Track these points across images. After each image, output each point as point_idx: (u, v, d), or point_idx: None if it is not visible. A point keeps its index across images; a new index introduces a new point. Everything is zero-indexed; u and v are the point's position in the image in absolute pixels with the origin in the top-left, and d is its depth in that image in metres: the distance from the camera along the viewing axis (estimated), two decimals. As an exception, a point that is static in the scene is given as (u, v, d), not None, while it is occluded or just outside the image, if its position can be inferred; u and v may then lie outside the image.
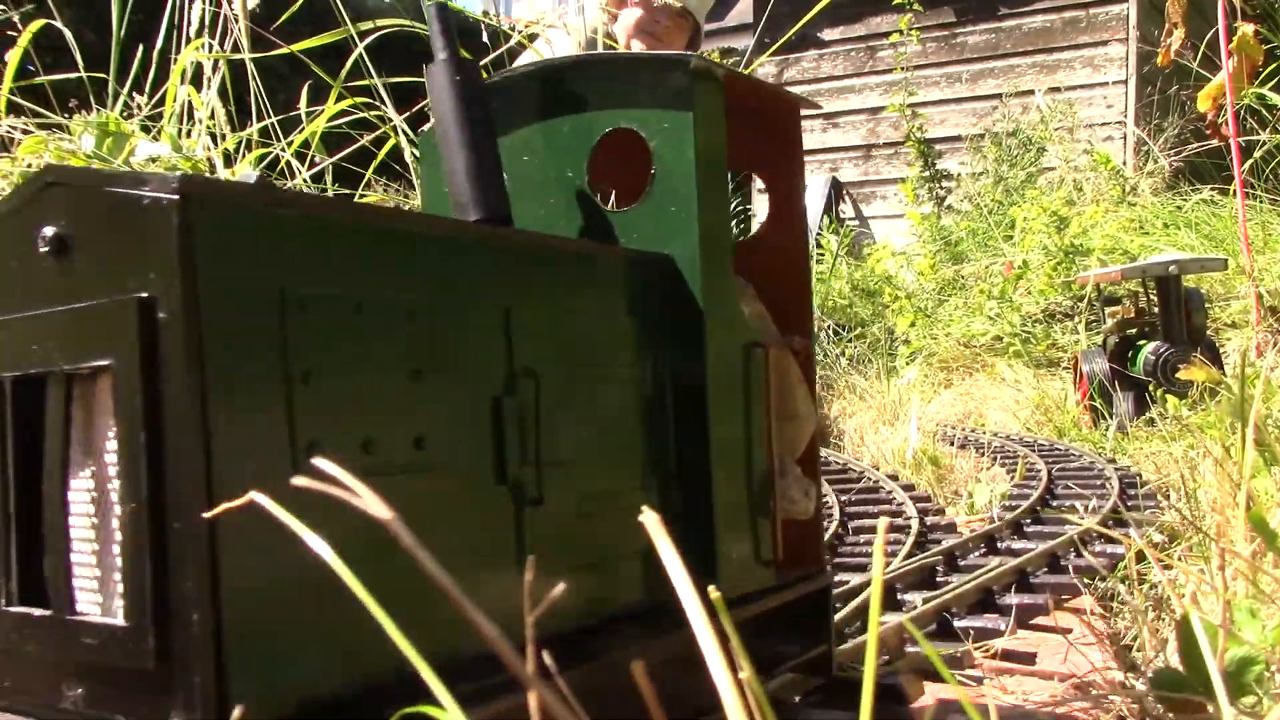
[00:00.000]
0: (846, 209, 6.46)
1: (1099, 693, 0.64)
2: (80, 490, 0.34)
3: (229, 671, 0.32)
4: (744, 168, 0.65)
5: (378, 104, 1.48)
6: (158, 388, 0.31)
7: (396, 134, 1.46)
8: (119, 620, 0.33)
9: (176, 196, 0.31)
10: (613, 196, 0.61)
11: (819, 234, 5.49)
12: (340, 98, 1.43)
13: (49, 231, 0.33)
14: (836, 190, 6.41)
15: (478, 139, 0.51)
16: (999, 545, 1.31)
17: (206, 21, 1.53)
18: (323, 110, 1.46)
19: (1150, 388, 2.30)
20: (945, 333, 3.76)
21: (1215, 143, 2.76)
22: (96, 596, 0.34)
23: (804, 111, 0.62)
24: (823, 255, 5.10)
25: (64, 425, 0.33)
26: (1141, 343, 2.59)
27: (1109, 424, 2.21)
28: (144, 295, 0.31)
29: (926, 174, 5.16)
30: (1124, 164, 4.50)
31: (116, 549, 0.33)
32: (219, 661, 0.32)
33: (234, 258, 0.33)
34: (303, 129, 1.48)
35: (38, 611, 0.35)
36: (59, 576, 0.34)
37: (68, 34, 1.51)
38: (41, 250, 0.33)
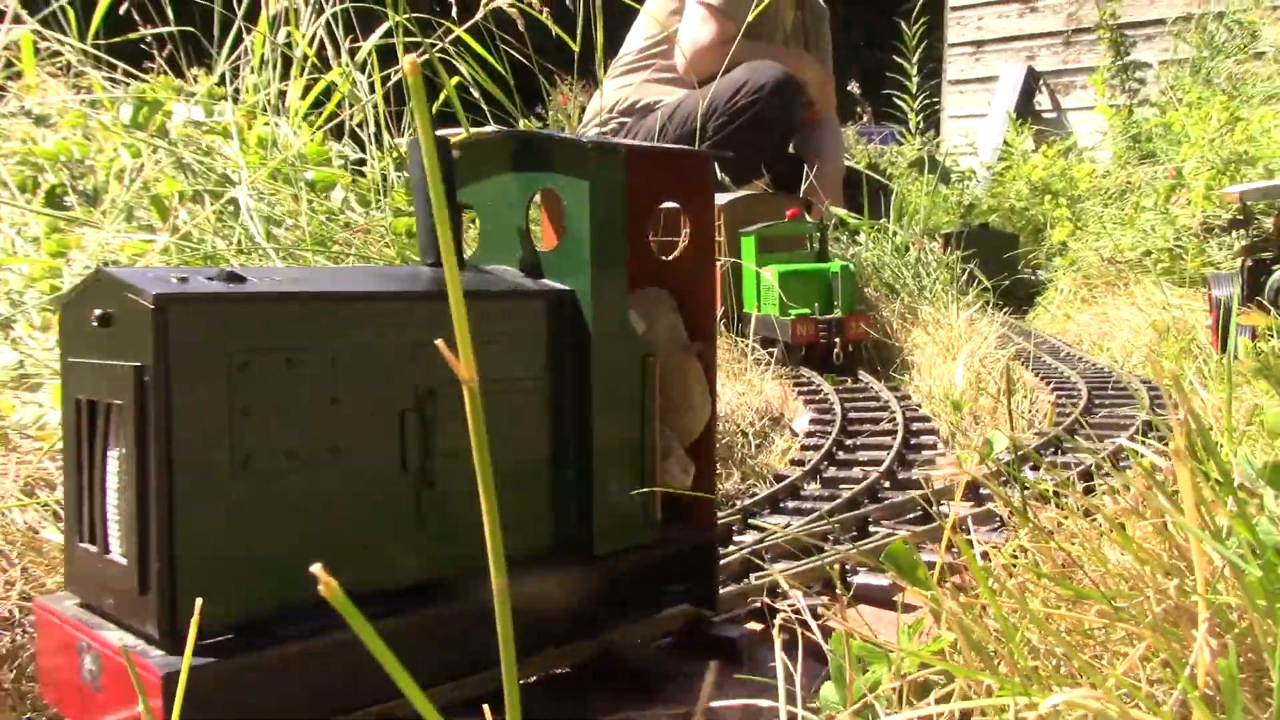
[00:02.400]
0: (1043, 100, 5.95)
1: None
2: (110, 475, 0.57)
3: (178, 600, 0.53)
4: (669, 201, 0.82)
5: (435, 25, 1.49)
6: (145, 420, 0.53)
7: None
8: (123, 560, 0.55)
9: (152, 306, 0.52)
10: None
11: (1005, 130, 5.12)
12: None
13: (97, 311, 0.56)
14: (1033, 80, 5.90)
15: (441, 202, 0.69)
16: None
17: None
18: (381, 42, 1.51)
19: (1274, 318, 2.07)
20: (1094, 246, 3.46)
21: None
22: (118, 544, 0.56)
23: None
24: (1009, 153, 4.77)
25: (104, 435, 0.57)
26: (1277, 268, 2.31)
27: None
28: (138, 364, 0.54)
29: (1119, 63, 4.65)
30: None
31: (125, 515, 0.55)
32: (172, 593, 0.53)
33: (188, 336, 0.54)
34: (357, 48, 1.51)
35: (93, 548, 0.58)
36: (101, 528, 0.57)
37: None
38: (94, 324, 0.56)
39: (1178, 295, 2.92)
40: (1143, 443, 0.73)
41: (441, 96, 1.44)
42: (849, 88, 5.64)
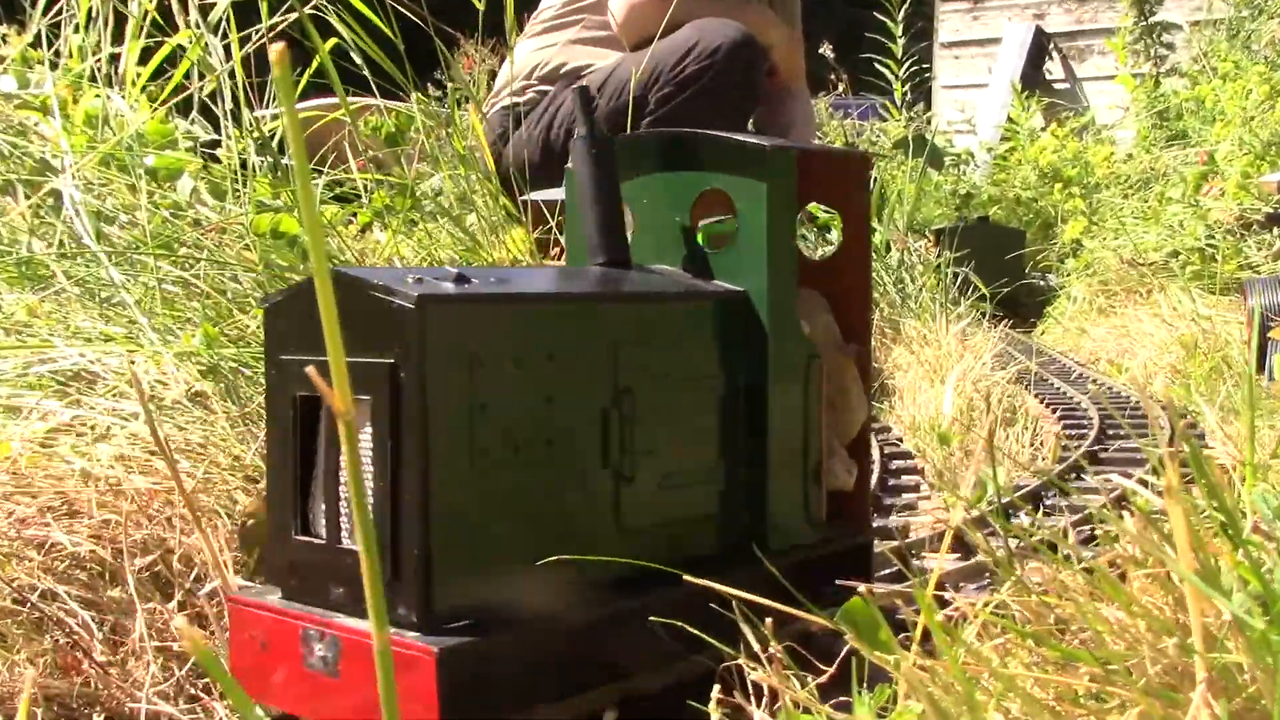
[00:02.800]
0: (1054, 68, 6.14)
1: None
2: (341, 471, 0.73)
3: (433, 583, 0.68)
4: (826, 203, 1.00)
5: None
6: (398, 414, 0.68)
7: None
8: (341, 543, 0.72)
9: (413, 305, 0.68)
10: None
11: (1009, 104, 5.27)
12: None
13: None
14: (1042, 43, 6.09)
15: (605, 199, 0.89)
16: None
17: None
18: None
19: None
20: (1112, 246, 3.59)
21: None
22: (353, 534, 0.72)
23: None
24: (1014, 132, 4.90)
25: (334, 430, 0.73)
26: (1326, 273, 2.44)
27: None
28: (390, 361, 0.69)
29: (1143, 24, 4.83)
30: None
31: (369, 505, 0.69)
32: (427, 577, 0.67)
33: (442, 336, 0.69)
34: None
35: (317, 540, 0.73)
36: (332, 519, 0.73)
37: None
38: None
39: (1210, 304, 3.05)
40: (1143, 481, 0.79)
41: (314, 64, 1.46)
42: (821, 51, 5.76)
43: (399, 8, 1.60)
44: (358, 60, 1.61)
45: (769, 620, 0.66)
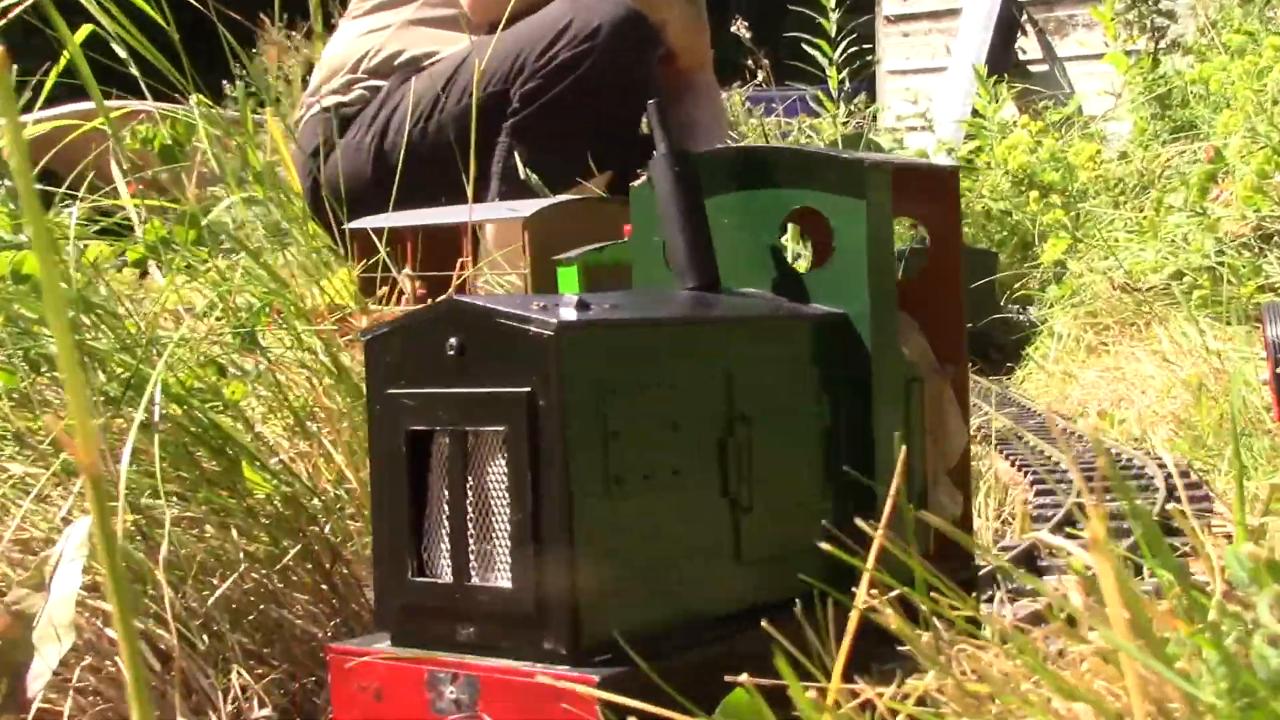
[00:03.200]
0: (1029, 44, 6.37)
1: None
2: (468, 505, 0.91)
3: (581, 616, 0.85)
4: (914, 218, 1.22)
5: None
6: (536, 444, 0.86)
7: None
8: (506, 584, 0.88)
9: (552, 333, 0.85)
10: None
11: (973, 92, 5.45)
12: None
13: (454, 340, 0.91)
14: (1013, 15, 6.31)
15: (693, 220, 1.07)
16: None
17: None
18: None
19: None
20: (1102, 268, 3.73)
21: None
22: (484, 571, 0.90)
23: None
24: (980, 128, 5.06)
25: (459, 464, 0.91)
26: (1358, 295, 2.57)
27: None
28: (528, 390, 0.87)
29: (1136, -6, 5.05)
30: None
31: (501, 541, 0.90)
32: (574, 610, 0.85)
33: (580, 363, 0.87)
34: None
35: (440, 581, 0.91)
36: (459, 557, 0.91)
37: None
38: (449, 352, 0.91)
39: (1222, 337, 3.18)
40: (1070, 535, 0.86)
41: (62, 62, 1.48)
42: (733, 30, 5.90)
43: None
44: (124, 54, 1.63)
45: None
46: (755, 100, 6.22)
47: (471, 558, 0.91)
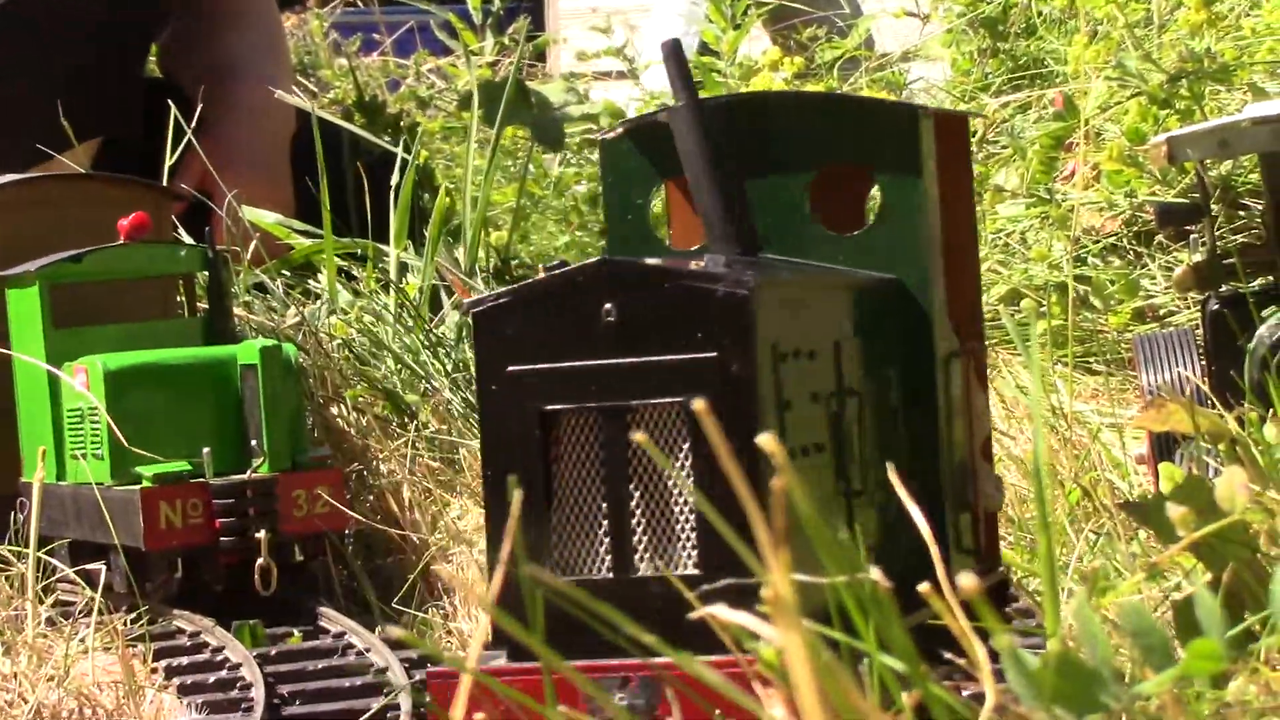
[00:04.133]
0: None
1: None
2: (642, 487, 1.29)
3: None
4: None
5: None
6: (727, 416, 1.17)
7: None
8: (692, 571, 1.25)
9: (747, 294, 1.26)
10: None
11: (700, 15, 5.63)
12: None
13: (609, 305, 1.27)
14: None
15: (726, 180, 1.44)
16: None
17: None
18: None
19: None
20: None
21: None
22: (655, 560, 1.27)
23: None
24: (711, 73, 5.23)
25: (618, 444, 1.28)
26: (1271, 310, 2.77)
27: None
28: (714, 355, 1.26)
29: None
30: None
31: (682, 526, 1.28)
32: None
33: (766, 328, 1.28)
34: None
35: (594, 577, 1.27)
36: (622, 549, 1.28)
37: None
38: (606, 320, 1.27)
39: (1084, 386, 3.37)
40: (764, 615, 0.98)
41: None
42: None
43: None
44: None
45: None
46: (346, 30, 6.29)
47: (638, 548, 1.28)
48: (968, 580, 0.93)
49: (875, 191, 1.58)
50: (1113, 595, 1.37)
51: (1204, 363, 2.91)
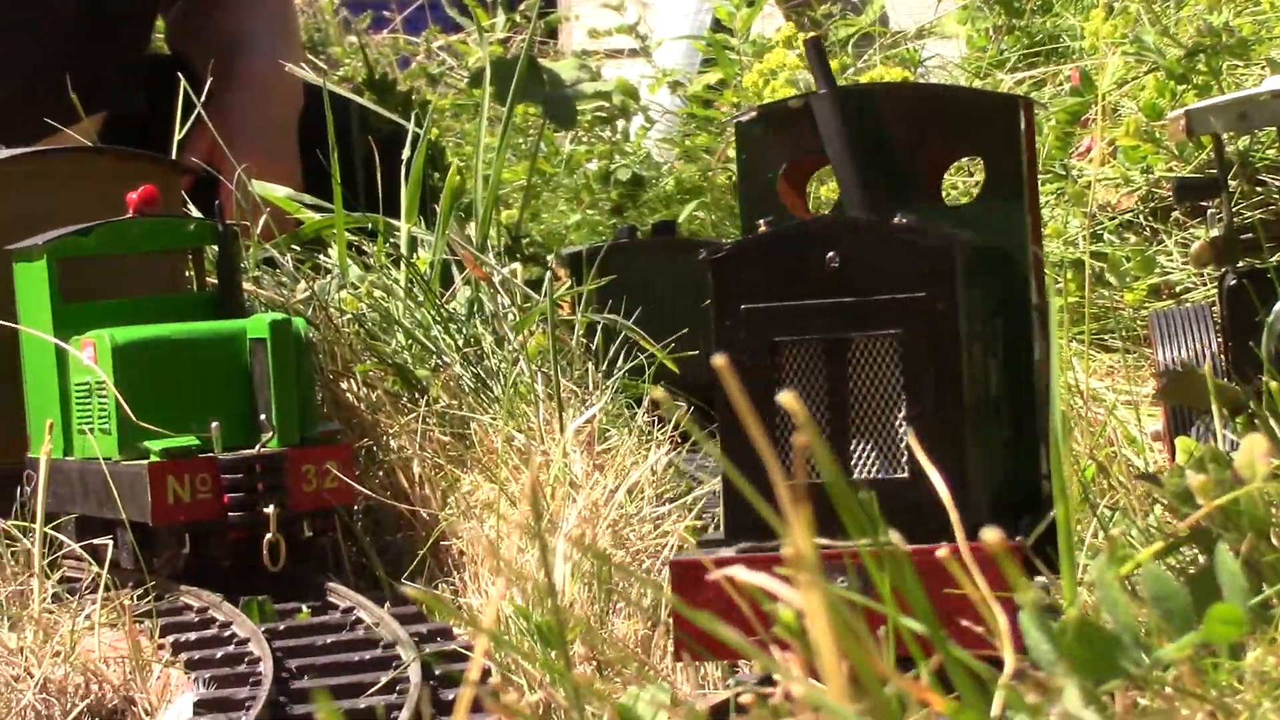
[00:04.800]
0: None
1: None
2: (857, 405, 1.68)
3: (973, 497, 1.63)
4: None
5: None
6: (934, 345, 1.64)
7: None
8: (902, 475, 1.65)
9: (948, 244, 1.66)
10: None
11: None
12: None
13: (833, 253, 1.64)
14: None
15: (863, 158, 1.75)
16: None
17: None
18: None
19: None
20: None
21: None
22: (870, 465, 1.68)
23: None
24: (725, 50, 5.22)
25: (842, 371, 1.67)
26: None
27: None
28: (923, 295, 1.64)
29: None
30: None
31: (893, 435, 1.67)
32: (970, 490, 1.63)
33: (965, 273, 1.68)
34: None
35: (815, 481, 1.43)
36: (842, 456, 1.67)
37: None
38: (831, 265, 1.64)
39: (1099, 364, 3.35)
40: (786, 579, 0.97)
41: None
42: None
43: None
44: None
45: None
46: (356, 7, 6.29)
47: (855, 454, 1.63)
48: (990, 534, 0.93)
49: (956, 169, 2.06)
50: (1131, 565, 1.34)
51: (1221, 338, 2.89)
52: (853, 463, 1.61)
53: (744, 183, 1.93)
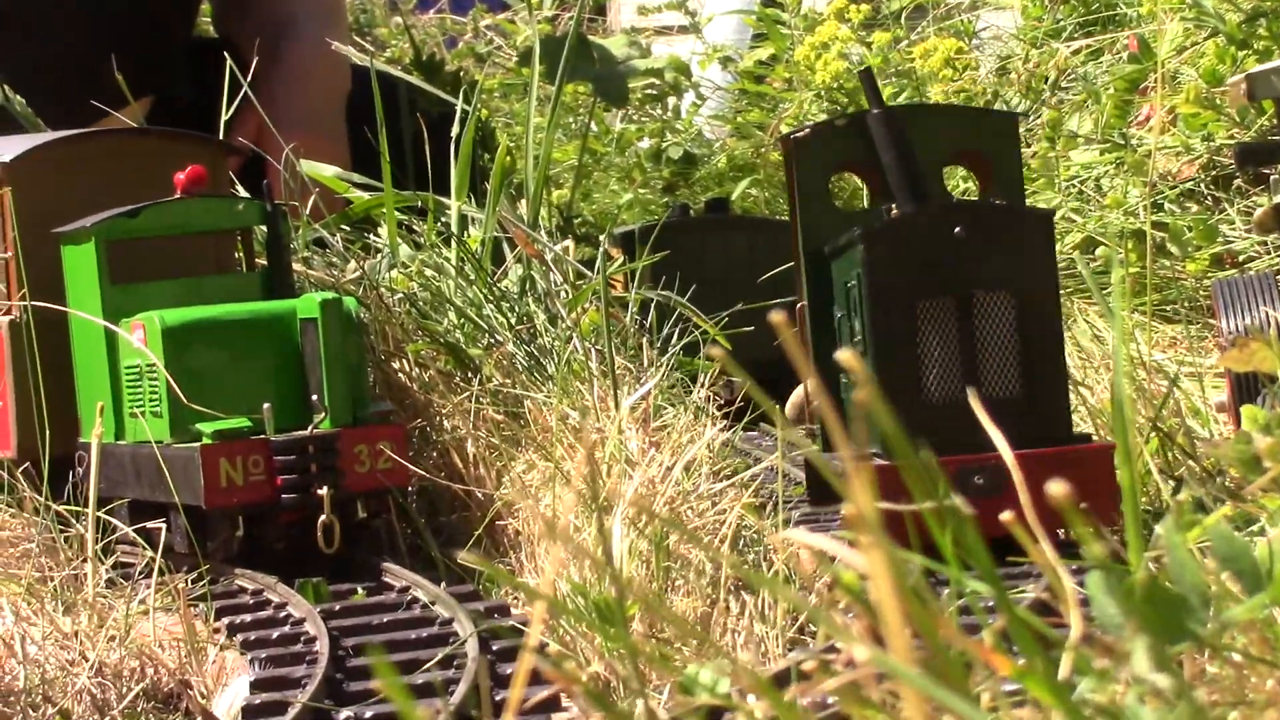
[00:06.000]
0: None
1: None
2: (980, 341, 2.31)
3: (1067, 413, 2.41)
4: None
5: None
6: (1036, 298, 2.33)
7: None
8: (1018, 395, 2.30)
9: (1044, 219, 2.49)
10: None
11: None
12: None
13: (959, 229, 2.24)
14: None
15: (919, 183, 2.31)
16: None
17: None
18: None
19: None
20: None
21: None
22: (999, 386, 2.30)
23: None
24: (776, 24, 5.21)
25: (971, 321, 2.28)
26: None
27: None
28: (1025, 257, 2.35)
29: None
30: None
31: (1011, 367, 2.31)
32: (1068, 408, 2.41)
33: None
34: None
35: (951, 402, 2.25)
36: (971, 381, 2.27)
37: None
38: (955, 232, 2.24)
39: (1162, 335, 3.34)
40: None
41: None
42: None
43: None
44: None
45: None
46: (399, -12, 6.29)
47: (981, 378, 2.16)
48: (1057, 487, 0.93)
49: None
50: (1198, 530, 1.33)
51: (1285, 307, 2.88)
52: (979, 383, 2.14)
53: (801, 190, 2.38)
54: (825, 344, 2.39)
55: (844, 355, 1.06)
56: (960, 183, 3.80)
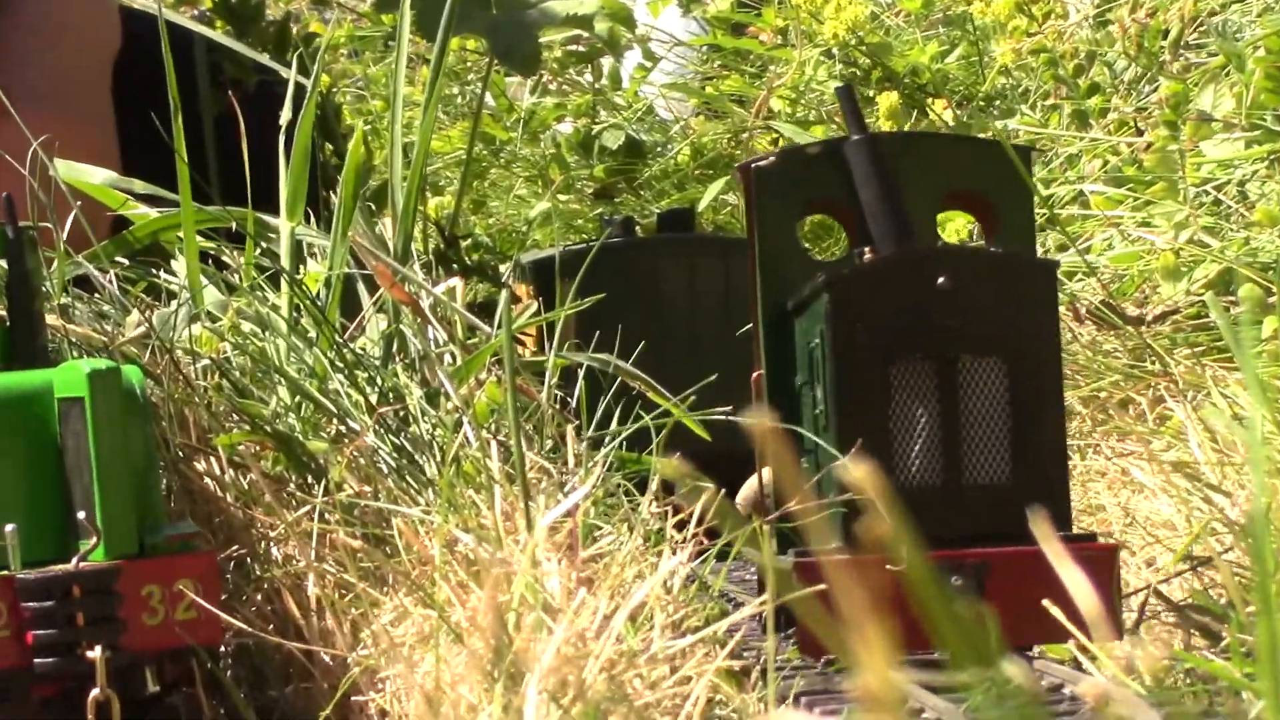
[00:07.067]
0: None
1: None
2: (965, 415, 2.58)
3: (1067, 502, 2.65)
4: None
5: None
6: (1035, 364, 2.60)
7: None
8: (1006, 480, 2.54)
9: (1046, 269, 2.72)
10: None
11: None
12: None
13: (943, 278, 2.50)
14: None
15: (896, 200, 2.61)
16: None
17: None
18: None
19: None
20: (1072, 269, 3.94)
21: None
22: (984, 469, 2.56)
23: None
24: None
25: (954, 388, 2.55)
26: None
27: None
28: (1024, 315, 2.61)
29: None
30: None
31: (1000, 445, 2.57)
32: (1066, 497, 2.64)
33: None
34: None
35: (929, 485, 2.54)
36: (953, 462, 2.56)
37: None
38: (939, 282, 2.49)
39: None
40: None
41: None
42: None
43: None
44: None
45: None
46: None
47: (964, 461, 2.35)
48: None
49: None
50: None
51: None
52: (961, 466, 2.37)
53: (762, 229, 2.63)
54: (786, 420, 2.61)
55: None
56: (960, 230, 3.93)
